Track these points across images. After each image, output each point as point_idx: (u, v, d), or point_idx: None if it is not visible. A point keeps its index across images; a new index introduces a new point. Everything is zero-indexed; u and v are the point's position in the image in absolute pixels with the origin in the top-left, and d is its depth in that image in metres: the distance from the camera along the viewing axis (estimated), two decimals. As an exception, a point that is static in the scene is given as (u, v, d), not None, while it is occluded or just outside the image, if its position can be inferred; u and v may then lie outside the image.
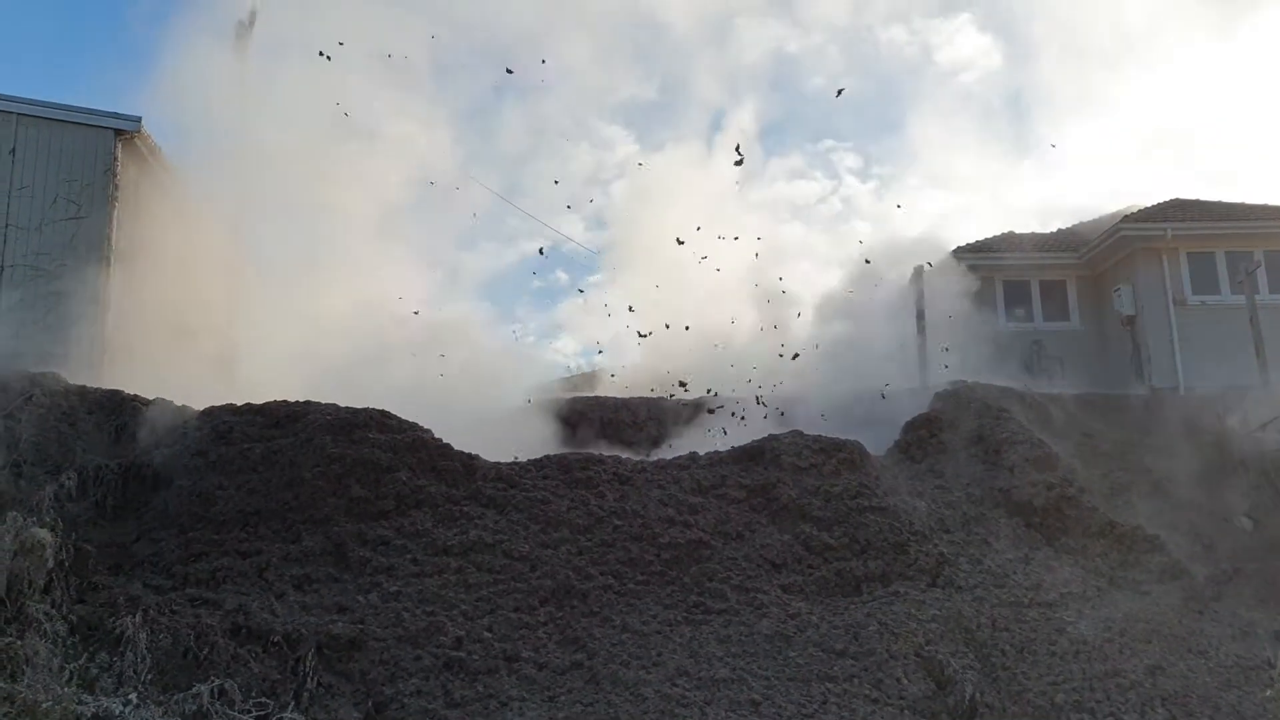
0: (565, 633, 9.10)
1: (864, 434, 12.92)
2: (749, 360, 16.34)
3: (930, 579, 10.45)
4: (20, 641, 7.67)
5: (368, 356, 15.39)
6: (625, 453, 13.06)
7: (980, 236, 21.19)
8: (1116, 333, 19.12)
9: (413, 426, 11.16)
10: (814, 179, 49.00)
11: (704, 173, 23.06)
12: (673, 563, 10.09)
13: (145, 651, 8.06)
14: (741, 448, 12.06)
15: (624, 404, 16.18)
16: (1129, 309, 18.50)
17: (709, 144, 26.30)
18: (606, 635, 9.09)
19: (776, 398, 15.08)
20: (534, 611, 9.29)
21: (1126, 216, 19.43)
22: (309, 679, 8.20)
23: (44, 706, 7.08)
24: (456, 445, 11.16)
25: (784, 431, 12.42)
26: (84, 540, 9.09)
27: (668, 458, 12.28)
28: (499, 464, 11.19)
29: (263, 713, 7.77)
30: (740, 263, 17.62)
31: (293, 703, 7.98)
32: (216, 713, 7.62)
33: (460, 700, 8.20)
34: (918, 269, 19.09)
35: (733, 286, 18.42)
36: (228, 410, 11.52)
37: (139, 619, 8.28)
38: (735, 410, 14.60)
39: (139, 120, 14.84)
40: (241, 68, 17.84)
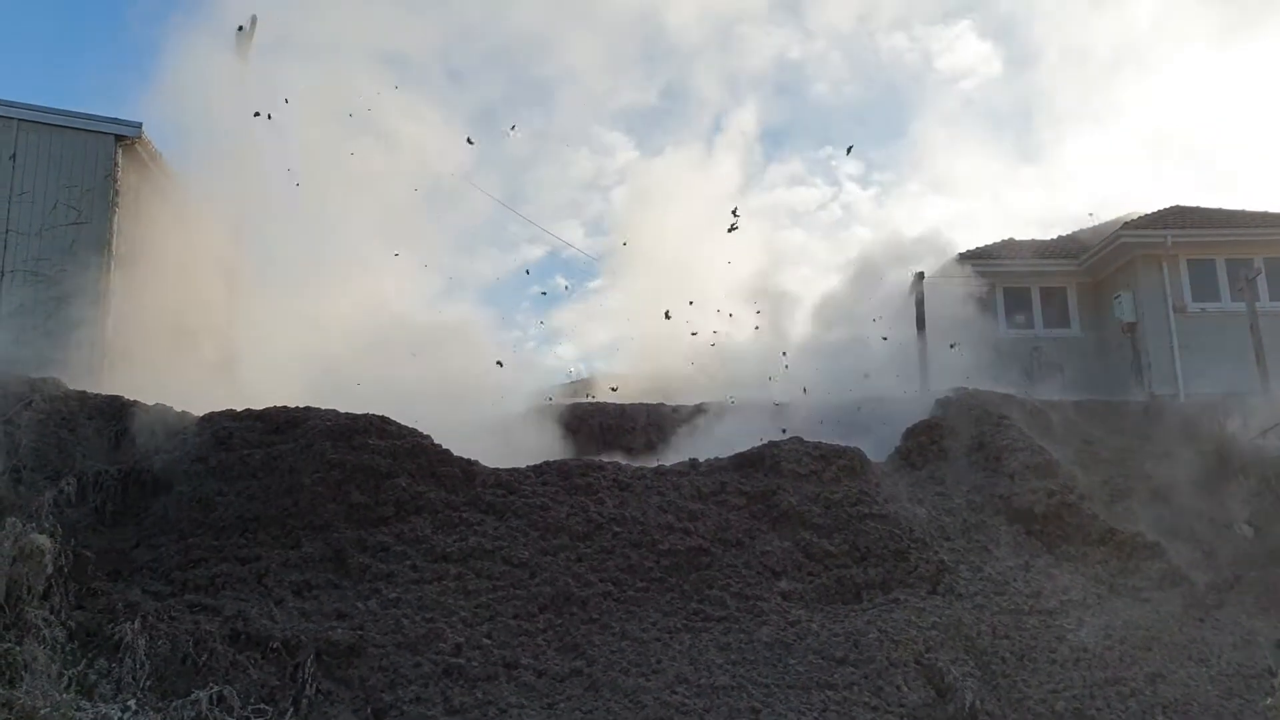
0: (564, 640, 9.08)
1: (863, 440, 12.91)
2: (748, 363, 16.36)
3: (930, 586, 10.43)
4: (19, 647, 7.66)
5: (368, 361, 15.38)
6: (625, 459, 13.03)
7: (981, 243, 21.24)
8: (1117, 339, 19.13)
9: (412, 432, 11.15)
10: (814, 185, 49.03)
11: (704, 177, 23.11)
12: (672, 569, 10.08)
13: (144, 658, 8.04)
14: (741, 454, 12.04)
15: (623, 410, 16.16)
16: (1129, 316, 18.50)
17: (709, 149, 26.36)
18: (606, 642, 9.08)
19: (775, 401, 15.06)
20: (533, 618, 9.28)
21: (1127, 224, 19.46)
22: (308, 685, 8.18)
23: (42, 713, 7.06)
24: (456, 451, 11.14)
25: (784, 438, 12.41)
26: (83, 546, 9.05)
27: (668, 464, 12.25)
28: (499, 470, 11.16)
29: (261, 719, 7.75)
30: (741, 265, 17.66)
31: (292, 709, 7.97)
32: (215, 719, 7.60)
33: (459, 707, 8.18)
34: (918, 275, 19.09)
35: (733, 289, 18.48)
36: (228, 416, 11.51)
37: (138, 625, 8.26)
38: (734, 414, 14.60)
39: (140, 126, 14.87)
40: (242, 72, 17.88)
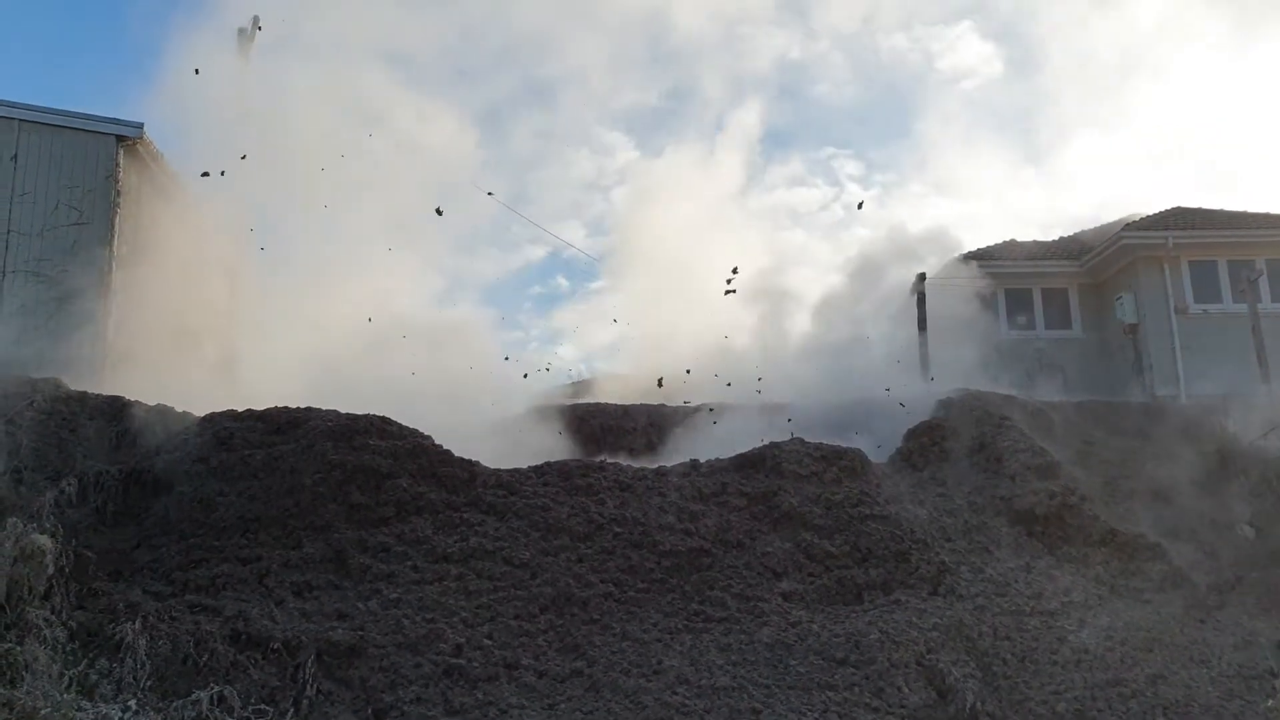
0: (565, 640, 9.08)
1: (864, 441, 12.90)
2: (748, 363, 16.36)
3: (931, 587, 10.42)
4: (20, 648, 7.66)
5: (369, 361, 15.39)
6: (625, 459, 13.03)
7: (982, 244, 21.26)
8: (1118, 341, 19.13)
9: (413, 433, 11.14)
10: (815, 186, 49.05)
11: (705, 177, 23.12)
12: (673, 570, 10.07)
13: (145, 658, 8.03)
14: (742, 455, 12.02)
15: (624, 410, 16.16)
16: (1131, 317, 18.50)
17: (710, 150, 26.37)
18: (606, 643, 9.07)
19: (775, 401, 15.06)
20: (534, 619, 9.27)
21: (1128, 225, 19.46)
22: (308, 686, 8.17)
23: (43, 713, 7.06)
24: (457, 452, 11.14)
25: (785, 439, 12.40)
26: (84, 546, 9.06)
27: (668, 465, 12.25)
28: (499, 470, 11.15)
29: (262, 719, 7.75)
30: (743, 265, 17.63)
31: (292, 709, 7.96)
32: (215, 719, 7.60)
33: (460, 708, 8.18)
34: (920, 275, 19.10)
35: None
36: (229, 416, 11.51)
37: (138, 625, 8.26)
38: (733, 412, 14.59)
39: (141, 126, 14.88)
40: (244, 73, 17.91)
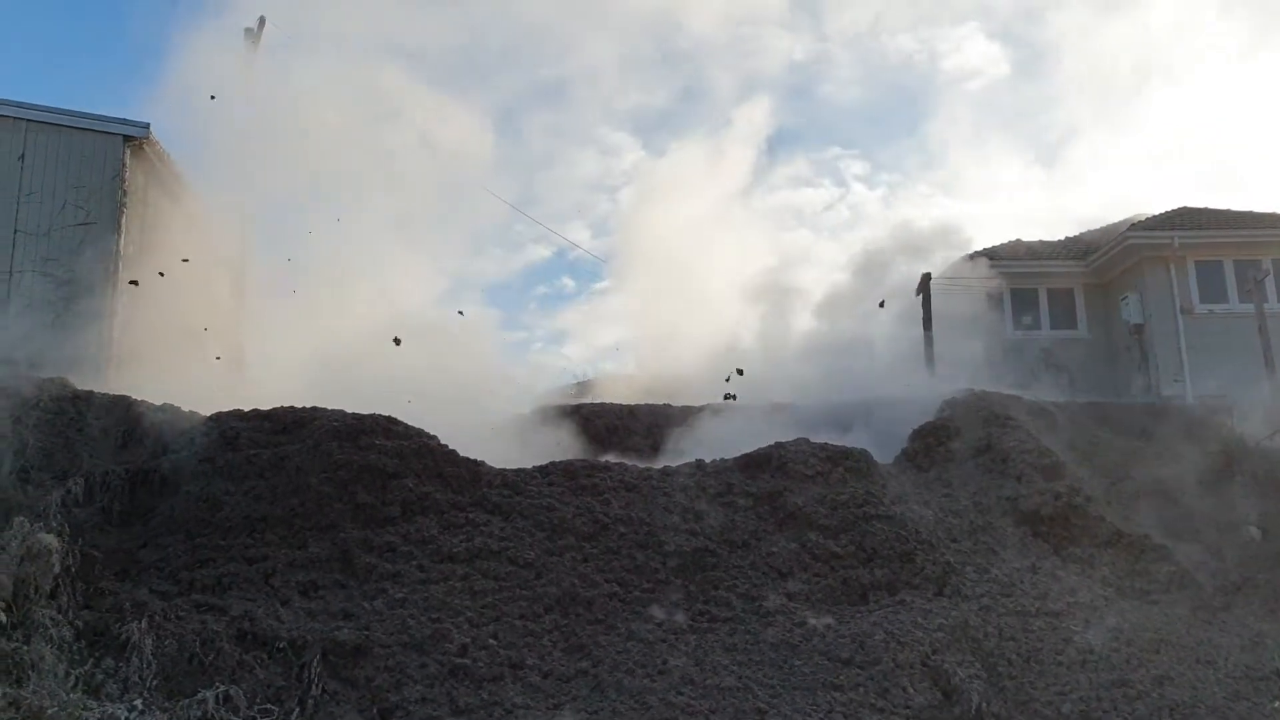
0: (570, 640, 9.08)
1: (870, 441, 12.89)
2: (750, 363, 16.37)
3: (937, 588, 10.40)
4: (26, 647, 7.69)
5: (374, 361, 15.40)
6: (631, 459, 13.02)
7: (988, 244, 21.22)
8: (1124, 341, 19.08)
9: (419, 433, 11.15)
10: (821, 186, 48.99)
11: (710, 177, 23.11)
12: (678, 570, 10.07)
13: (151, 657, 8.05)
14: (748, 455, 12.00)
15: (629, 410, 16.16)
16: (1137, 317, 18.46)
17: (717, 150, 26.36)
18: (611, 643, 9.07)
19: (779, 401, 15.06)
20: (539, 619, 9.28)
21: (1134, 225, 19.42)
22: (314, 685, 8.18)
23: (49, 712, 7.08)
24: (462, 452, 11.15)
25: (790, 439, 12.38)
26: (90, 546, 9.08)
27: (674, 464, 12.24)
28: (505, 470, 11.16)
29: (267, 719, 7.76)
30: (742, 270, 17.67)
31: (298, 709, 7.98)
32: (221, 719, 7.62)
33: (465, 707, 8.18)
34: (925, 275, 19.08)
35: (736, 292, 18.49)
36: (235, 416, 11.54)
37: (145, 624, 8.28)
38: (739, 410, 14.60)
39: (147, 126, 14.93)
40: (250, 73, 17.94)
